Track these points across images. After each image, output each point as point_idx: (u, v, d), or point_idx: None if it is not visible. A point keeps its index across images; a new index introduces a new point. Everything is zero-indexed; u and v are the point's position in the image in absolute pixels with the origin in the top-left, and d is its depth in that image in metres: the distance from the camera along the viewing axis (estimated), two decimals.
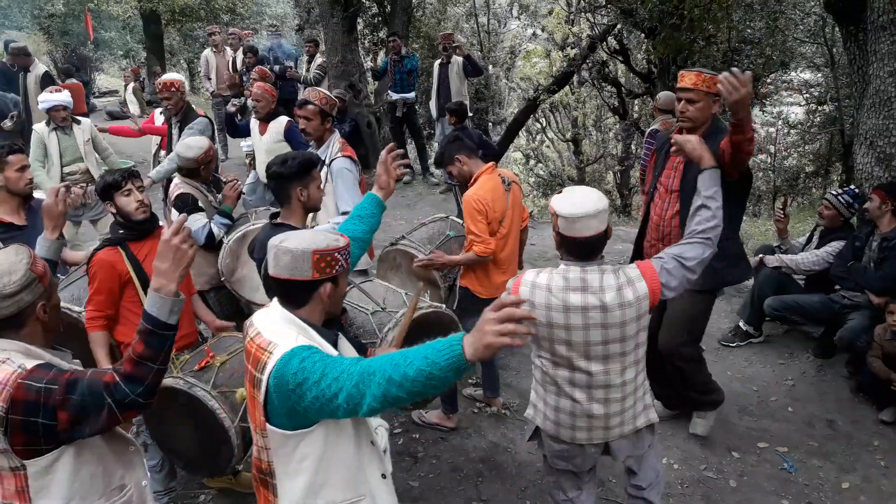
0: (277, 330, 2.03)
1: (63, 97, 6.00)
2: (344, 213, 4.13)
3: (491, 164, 4.21)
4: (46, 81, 8.99)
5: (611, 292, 2.59)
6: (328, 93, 4.25)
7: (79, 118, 6.27)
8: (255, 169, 6.43)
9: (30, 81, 8.93)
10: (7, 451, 1.92)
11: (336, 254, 2.06)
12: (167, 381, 3.28)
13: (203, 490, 4.02)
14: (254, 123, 6.07)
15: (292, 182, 3.14)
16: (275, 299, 2.14)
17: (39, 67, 9.36)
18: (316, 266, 2.01)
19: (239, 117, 7.16)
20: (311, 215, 4.27)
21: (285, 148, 5.54)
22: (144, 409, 2.04)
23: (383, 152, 2.99)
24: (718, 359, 5.30)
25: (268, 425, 2.00)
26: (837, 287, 5.04)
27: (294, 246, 2.02)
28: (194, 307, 3.84)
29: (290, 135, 5.76)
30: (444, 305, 3.71)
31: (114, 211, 3.35)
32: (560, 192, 2.69)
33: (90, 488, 2.10)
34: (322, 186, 4.19)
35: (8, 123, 7.89)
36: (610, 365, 2.69)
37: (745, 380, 5.04)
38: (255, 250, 3.26)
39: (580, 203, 2.57)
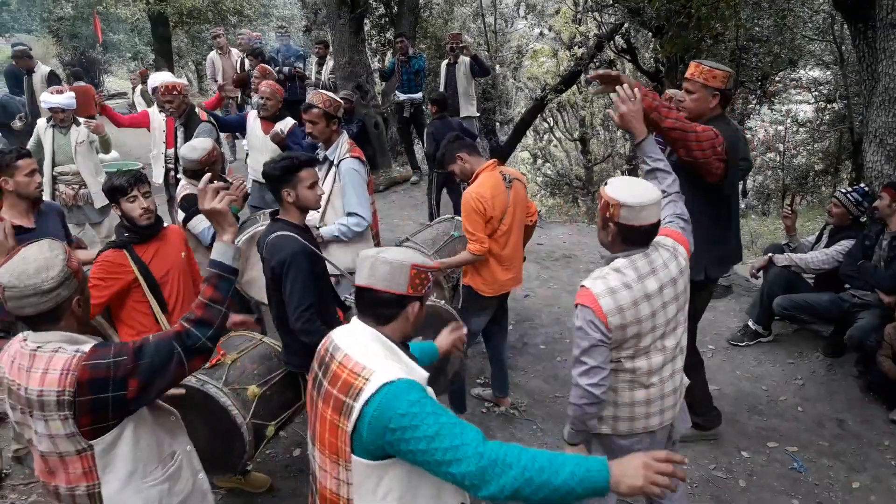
0: (367, 352, 1.95)
1: (64, 100, 6.00)
2: (350, 214, 4.14)
3: (492, 161, 4.20)
4: (52, 81, 9.07)
5: (672, 265, 2.65)
6: (332, 95, 4.26)
7: (80, 120, 6.25)
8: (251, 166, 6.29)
9: (35, 82, 9.02)
10: (74, 435, 2.01)
11: (430, 273, 2.05)
12: None
13: (213, 489, 4.03)
14: (254, 120, 6.03)
15: (279, 184, 3.20)
16: (355, 319, 2.08)
17: (43, 68, 9.45)
18: (412, 281, 1.99)
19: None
20: (318, 215, 4.30)
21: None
22: (209, 357, 2.19)
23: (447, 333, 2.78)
24: (727, 358, 5.29)
25: (353, 456, 1.89)
26: (847, 286, 5.02)
27: (393, 258, 2.00)
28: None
29: (290, 137, 5.80)
30: (442, 301, 3.73)
31: (119, 213, 3.38)
32: (607, 184, 2.62)
33: (149, 457, 2.24)
34: (330, 186, 4.24)
35: (17, 124, 7.96)
36: (678, 333, 2.74)
37: (754, 379, 5.03)
38: (260, 247, 3.30)
39: (643, 193, 2.54)
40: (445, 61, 9.14)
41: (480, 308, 4.26)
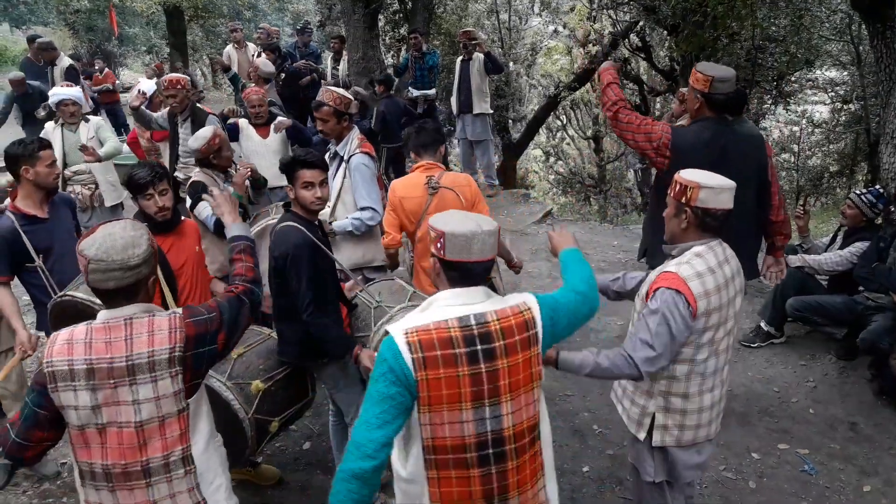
0: (498, 300, 2.20)
1: (73, 92, 5.83)
2: (362, 209, 4.16)
3: (425, 162, 4.06)
4: (70, 74, 9.17)
5: (733, 260, 2.70)
6: (343, 92, 4.28)
7: (89, 116, 6.13)
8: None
9: (56, 75, 9.13)
10: (179, 393, 2.14)
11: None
12: None
13: None
14: (248, 129, 5.92)
15: (287, 178, 3.26)
16: (451, 292, 2.17)
17: (65, 60, 9.57)
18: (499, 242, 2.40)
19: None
20: (328, 210, 4.31)
21: (288, 145, 5.86)
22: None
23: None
24: (739, 359, 5.27)
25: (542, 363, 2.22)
26: (861, 288, 4.98)
27: (490, 227, 2.17)
28: (215, 292, 3.89)
29: (291, 133, 5.97)
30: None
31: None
32: (679, 174, 2.64)
33: (214, 421, 2.42)
34: (340, 182, 4.25)
35: (42, 112, 8.02)
36: (734, 333, 2.77)
37: (765, 381, 5.00)
38: (273, 242, 3.27)
39: (720, 178, 2.59)
40: (460, 58, 9.13)
41: None
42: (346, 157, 4.23)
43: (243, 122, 5.95)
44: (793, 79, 11.01)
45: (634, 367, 2.54)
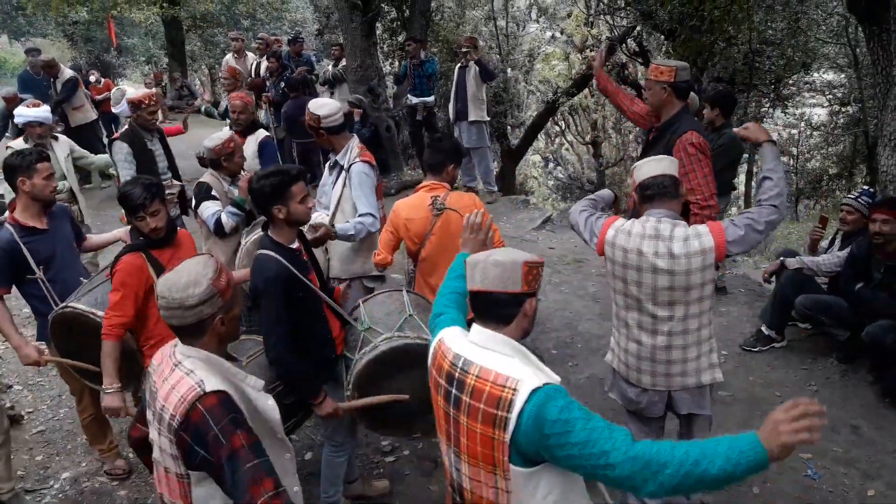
0: (502, 360, 1.94)
1: (40, 112, 5.56)
2: (363, 215, 4.15)
3: (430, 182, 3.98)
4: (66, 86, 9.25)
5: (678, 242, 2.90)
6: (316, 108, 4.23)
7: (57, 135, 6.00)
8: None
9: (58, 87, 9.26)
10: (177, 458, 2.07)
11: (540, 268, 2.06)
12: None
13: None
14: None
15: (269, 202, 3.09)
16: (476, 326, 2.06)
17: (66, 73, 9.67)
18: (525, 278, 1.99)
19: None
20: (328, 217, 4.31)
21: (258, 164, 5.42)
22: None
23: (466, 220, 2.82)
24: (740, 364, 5.25)
25: (512, 466, 1.89)
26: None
27: (503, 258, 2.00)
28: None
29: (262, 150, 5.59)
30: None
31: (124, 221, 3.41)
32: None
33: None
34: (340, 190, 4.25)
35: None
36: (675, 311, 2.99)
37: (767, 385, 4.99)
38: (251, 271, 3.18)
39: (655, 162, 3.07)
40: (458, 64, 9.15)
41: None
42: (346, 166, 4.23)
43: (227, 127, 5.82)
44: (790, 82, 11.05)
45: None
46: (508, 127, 14.62)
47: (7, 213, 3.89)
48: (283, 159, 9.33)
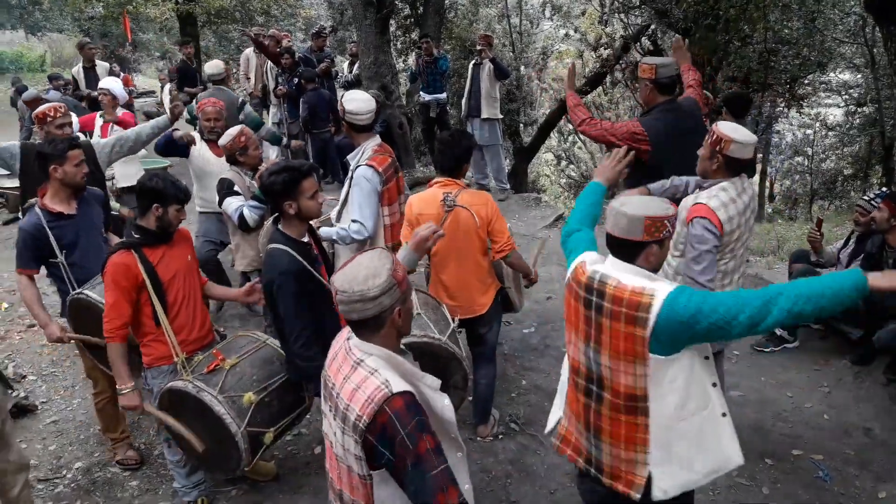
0: (636, 277, 2.36)
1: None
2: (353, 221, 4.10)
3: (443, 179, 3.96)
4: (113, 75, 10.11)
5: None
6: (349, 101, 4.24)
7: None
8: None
9: (100, 73, 9.92)
10: (361, 459, 2.06)
11: (665, 220, 2.37)
12: (178, 384, 3.32)
13: (235, 485, 4.08)
14: (201, 145, 5.39)
15: (280, 197, 3.13)
16: (609, 257, 2.47)
17: (102, 65, 10.56)
18: (647, 230, 2.35)
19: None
20: (334, 214, 4.32)
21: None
22: None
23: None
24: (752, 364, 5.23)
25: (651, 355, 2.31)
26: None
27: (630, 211, 2.36)
28: (210, 293, 3.93)
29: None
30: (441, 338, 3.53)
31: (133, 217, 3.42)
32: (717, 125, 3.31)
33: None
34: (346, 190, 4.23)
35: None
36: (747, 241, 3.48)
37: (779, 385, 4.97)
38: (263, 264, 3.25)
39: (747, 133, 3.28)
40: (473, 61, 9.15)
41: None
42: (353, 167, 4.20)
43: (197, 138, 5.44)
44: (806, 81, 10.97)
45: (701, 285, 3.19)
46: (521, 124, 14.62)
47: (38, 199, 3.99)
48: (295, 155, 9.44)
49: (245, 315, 5.99)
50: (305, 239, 3.29)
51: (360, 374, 2.07)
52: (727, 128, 3.28)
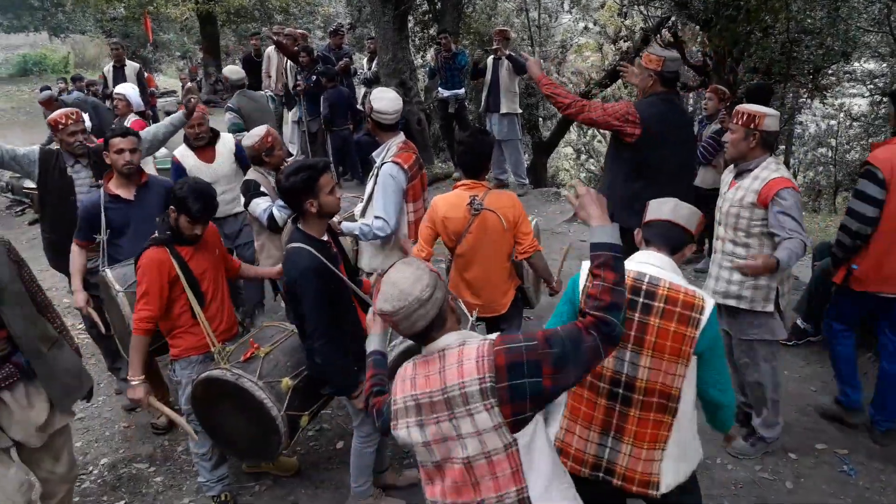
0: (684, 280, 2.52)
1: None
2: (377, 218, 4.11)
3: (468, 182, 3.91)
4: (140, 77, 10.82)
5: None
6: (375, 100, 4.25)
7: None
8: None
9: (128, 75, 10.47)
10: (500, 427, 2.00)
11: (703, 225, 2.68)
12: (215, 373, 3.40)
13: (258, 480, 4.12)
14: (186, 153, 5.23)
15: (300, 196, 3.17)
16: (650, 251, 2.61)
17: (131, 66, 11.02)
18: (698, 227, 2.64)
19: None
20: (358, 210, 4.33)
21: (240, 171, 5.29)
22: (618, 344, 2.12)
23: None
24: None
25: (694, 356, 2.46)
26: None
27: (688, 206, 2.63)
28: (245, 273, 4.16)
29: (240, 153, 5.24)
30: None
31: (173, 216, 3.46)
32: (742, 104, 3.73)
33: (556, 455, 2.23)
34: (371, 186, 4.24)
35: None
36: None
37: (802, 379, 4.92)
38: (284, 263, 3.30)
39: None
40: (491, 56, 9.14)
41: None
42: (378, 164, 4.20)
43: (180, 149, 5.27)
44: (829, 72, 10.79)
45: (804, 243, 3.46)
46: (540, 119, 14.56)
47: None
48: (314, 152, 9.50)
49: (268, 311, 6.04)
50: (325, 237, 3.33)
51: (454, 353, 2.07)
52: (752, 106, 3.56)
